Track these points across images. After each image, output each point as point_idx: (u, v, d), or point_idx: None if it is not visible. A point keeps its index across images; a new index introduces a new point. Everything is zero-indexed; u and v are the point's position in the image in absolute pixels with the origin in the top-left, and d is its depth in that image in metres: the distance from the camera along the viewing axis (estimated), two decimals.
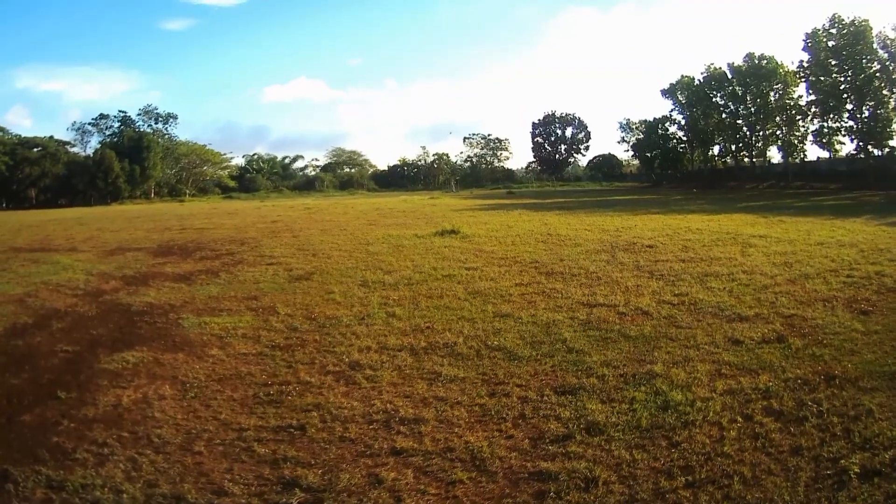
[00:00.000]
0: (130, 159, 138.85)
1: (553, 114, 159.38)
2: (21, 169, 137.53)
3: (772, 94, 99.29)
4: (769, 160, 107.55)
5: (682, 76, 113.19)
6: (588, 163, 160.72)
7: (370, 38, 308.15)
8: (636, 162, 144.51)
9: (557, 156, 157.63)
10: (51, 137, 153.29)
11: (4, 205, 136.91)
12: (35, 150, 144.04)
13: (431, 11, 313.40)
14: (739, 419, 8.14)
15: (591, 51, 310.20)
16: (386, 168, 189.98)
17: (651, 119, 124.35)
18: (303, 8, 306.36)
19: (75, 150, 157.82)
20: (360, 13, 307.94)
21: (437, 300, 15.66)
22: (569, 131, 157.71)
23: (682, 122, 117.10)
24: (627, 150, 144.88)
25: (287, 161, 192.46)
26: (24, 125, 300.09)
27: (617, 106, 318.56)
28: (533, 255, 22.69)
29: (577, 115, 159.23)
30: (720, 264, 19.61)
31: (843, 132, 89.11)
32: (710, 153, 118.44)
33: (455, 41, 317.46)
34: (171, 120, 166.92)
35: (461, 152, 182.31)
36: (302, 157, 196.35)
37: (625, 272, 18.82)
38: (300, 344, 12.42)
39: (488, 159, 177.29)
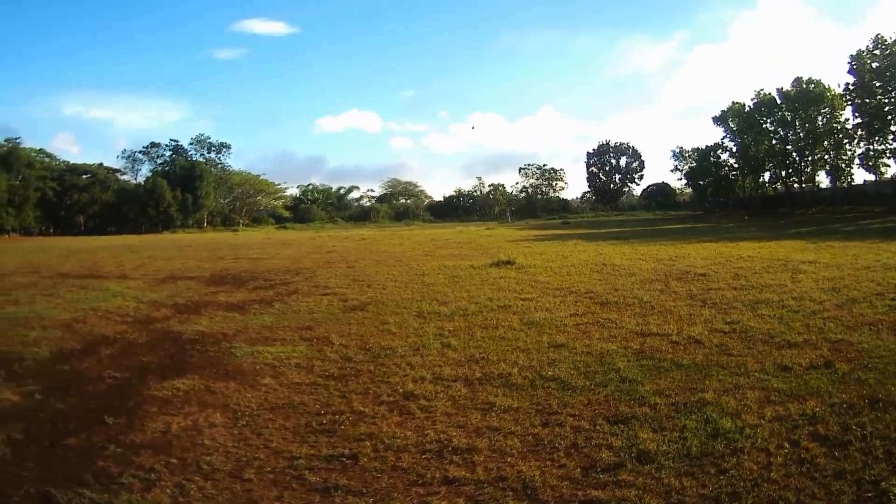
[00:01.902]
0: (183, 188, 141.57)
1: (607, 143, 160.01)
2: (69, 195, 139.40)
3: (819, 118, 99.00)
4: (818, 185, 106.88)
5: (733, 103, 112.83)
6: (642, 192, 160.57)
7: (423, 70, 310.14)
8: (689, 190, 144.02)
9: (612, 185, 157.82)
10: (100, 165, 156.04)
11: (52, 230, 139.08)
12: (84, 176, 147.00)
13: (485, 43, 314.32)
14: (786, 445, 8.20)
15: (645, 79, 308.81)
16: (442, 199, 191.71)
17: (703, 147, 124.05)
18: (354, 39, 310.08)
19: (125, 177, 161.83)
20: (412, 45, 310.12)
21: (492, 331, 15.67)
22: (623, 161, 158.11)
23: (734, 150, 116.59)
24: (680, 179, 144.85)
25: (342, 192, 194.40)
26: (72, 151, 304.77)
27: (671, 134, 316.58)
28: (588, 286, 22.70)
29: (631, 145, 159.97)
30: (771, 291, 19.65)
31: (888, 154, 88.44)
32: (761, 180, 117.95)
33: (510, 72, 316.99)
34: (224, 150, 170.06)
35: (516, 183, 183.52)
36: (357, 187, 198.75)
37: (678, 301, 18.88)
38: (354, 374, 12.53)
39: (543, 189, 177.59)
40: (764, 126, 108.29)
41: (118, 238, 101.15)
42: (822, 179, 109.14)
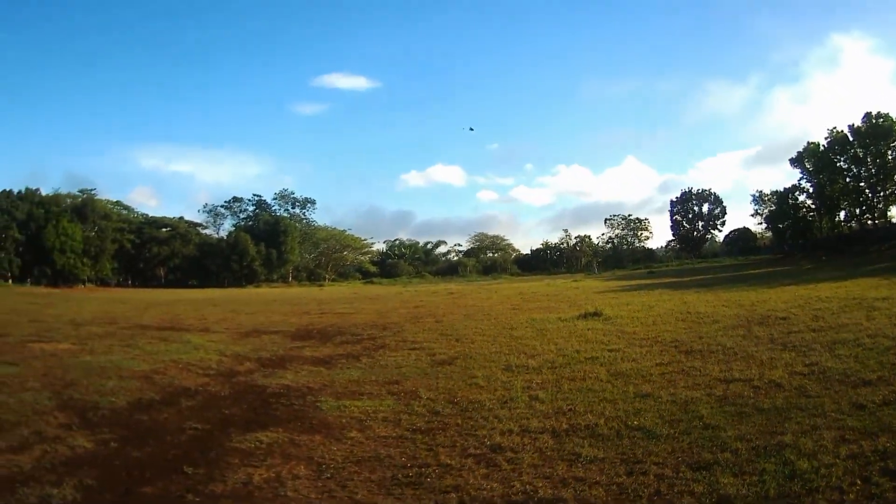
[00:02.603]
0: (267, 243, 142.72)
1: (690, 191, 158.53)
2: (148, 248, 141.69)
3: (889, 152, 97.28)
4: (890, 220, 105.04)
5: (808, 143, 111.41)
6: (725, 238, 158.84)
7: (507, 122, 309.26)
8: (769, 234, 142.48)
9: (695, 233, 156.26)
10: (181, 218, 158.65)
11: (130, 282, 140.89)
12: (164, 229, 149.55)
13: (568, 93, 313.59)
14: (859, 482, 8.46)
15: (726, 123, 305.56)
16: (529, 252, 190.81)
17: (781, 189, 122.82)
18: (436, 92, 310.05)
19: (207, 231, 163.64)
20: (495, 97, 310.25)
21: (579, 382, 15.92)
22: (706, 207, 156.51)
23: (810, 190, 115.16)
24: (760, 223, 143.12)
25: (430, 246, 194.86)
26: (150, 204, 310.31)
27: (752, 178, 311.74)
28: (673, 335, 22.84)
29: (712, 191, 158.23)
30: (847, 331, 19.75)
31: None
32: (837, 219, 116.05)
33: (593, 122, 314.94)
34: (309, 205, 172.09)
35: (602, 234, 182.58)
36: (445, 242, 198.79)
37: (760, 346, 18.98)
38: (441, 427, 12.78)
39: (629, 240, 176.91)
40: (838, 164, 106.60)
41: (200, 291, 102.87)
42: (895, 214, 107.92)
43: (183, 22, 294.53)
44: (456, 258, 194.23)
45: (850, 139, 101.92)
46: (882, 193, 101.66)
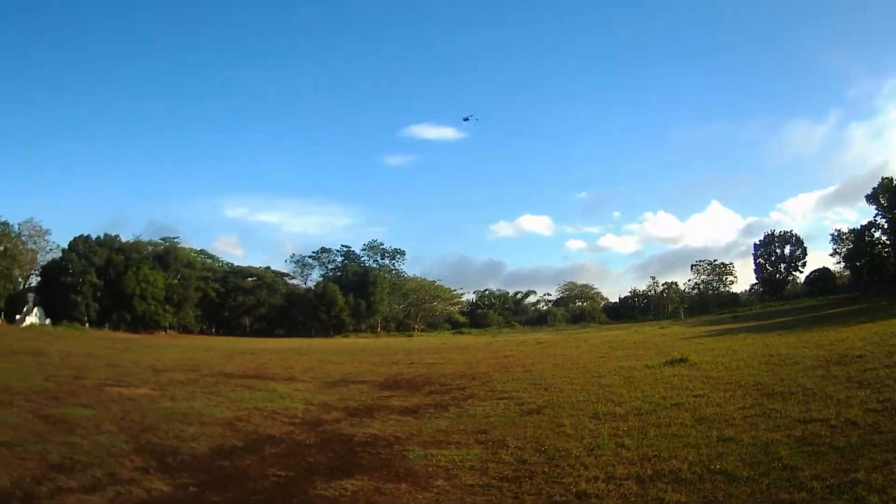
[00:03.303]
0: (355, 293, 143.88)
1: (773, 233, 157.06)
2: (233, 296, 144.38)
3: None
4: None
5: (883, 178, 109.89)
6: (805, 279, 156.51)
7: (595, 171, 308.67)
8: (848, 273, 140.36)
9: (777, 275, 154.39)
10: (267, 268, 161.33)
11: (214, 330, 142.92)
12: (250, 279, 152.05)
13: (656, 140, 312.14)
14: None
15: (806, 163, 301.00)
16: (617, 300, 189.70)
17: (858, 227, 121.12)
18: (523, 143, 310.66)
19: (294, 281, 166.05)
20: (583, 147, 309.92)
21: (664, 429, 16.31)
22: (787, 249, 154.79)
23: (885, 226, 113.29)
24: (839, 262, 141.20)
25: (519, 296, 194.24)
26: (235, 254, 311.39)
27: (831, 217, 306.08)
28: (756, 377, 23.25)
29: (794, 233, 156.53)
30: None
31: None
32: None
33: (679, 167, 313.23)
34: (398, 256, 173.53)
35: (689, 280, 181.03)
36: (534, 292, 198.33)
37: (837, 385, 19.48)
38: (528, 475, 13.14)
39: (714, 285, 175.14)
40: None
41: (287, 341, 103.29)
42: None
43: (269, 75, 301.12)
44: (545, 308, 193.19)
45: None
46: None
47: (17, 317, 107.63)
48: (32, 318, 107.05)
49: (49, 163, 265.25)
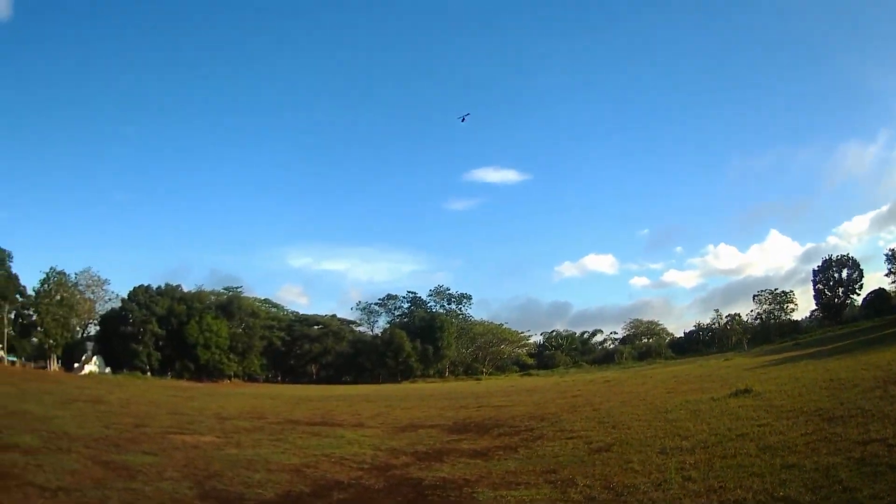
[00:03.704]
0: (422, 339, 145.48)
1: (830, 258, 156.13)
2: (299, 344, 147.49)
3: None
4: None
5: None
6: (862, 301, 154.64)
7: (656, 208, 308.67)
8: None
9: (836, 300, 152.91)
10: (333, 316, 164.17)
11: (279, 378, 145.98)
12: (315, 327, 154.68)
13: (716, 171, 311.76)
14: None
15: (859, 184, 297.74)
16: (682, 335, 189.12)
17: None
18: (586, 182, 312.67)
19: (361, 329, 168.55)
20: (644, 184, 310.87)
21: (730, 459, 16.33)
22: (845, 273, 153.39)
23: None
24: (894, 282, 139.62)
25: (585, 336, 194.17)
26: (300, 302, 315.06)
27: (886, 237, 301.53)
28: (817, 403, 23.25)
29: (850, 256, 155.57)
30: None
31: None
32: None
33: (739, 198, 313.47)
34: (465, 300, 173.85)
35: (751, 310, 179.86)
36: (601, 331, 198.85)
37: (895, 405, 19.52)
38: None
39: (776, 314, 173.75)
40: None
41: (354, 387, 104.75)
42: None
43: (331, 125, 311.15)
44: (612, 346, 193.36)
45: None
46: None
47: (76, 365, 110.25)
48: (91, 367, 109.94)
49: (107, 214, 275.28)
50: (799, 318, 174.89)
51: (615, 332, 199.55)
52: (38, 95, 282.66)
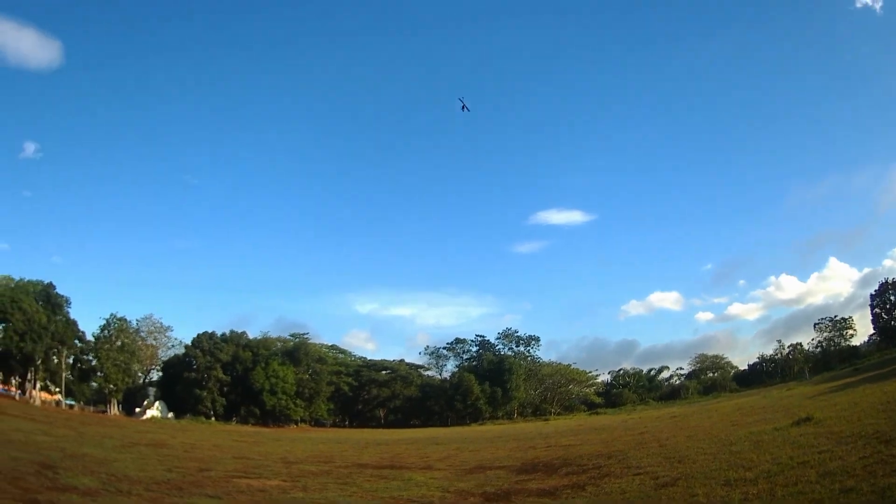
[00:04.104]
0: (491, 381, 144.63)
1: (887, 281, 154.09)
2: (367, 390, 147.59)
3: None
4: None
5: None
6: None
7: (719, 242, 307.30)
8: None
9: (893, 322, 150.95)
10: (401, 361, 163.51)
11: (347, 423, 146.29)
12: (383, 372, 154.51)
13: (775, 202, 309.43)
14: None
15: None
16: (746, 367, 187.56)
17: None
18: (650, 219, 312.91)
19: (429, 373, 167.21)
20: (709, 219, 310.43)
21: (791, 487, 16.45)
22: None
23: None
24: None
25: (652, 373, 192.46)
26: (367, 348, 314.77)
27: None
28: (875, 426, 23.27)
29: None
30: None
31: None
32: None
33: (798, 228, 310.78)
34: (534, 342, 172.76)
35: (812, 339, 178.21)
36: (667, 367, 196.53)
37: None
38: None
39: (836, 341, 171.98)
40: None
41: (422, 431, 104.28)
42: None
43: (393, 174, 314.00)
44: (678, 382, 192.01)
45: None
46: None
47: (137, 409, 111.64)
48: (153, 412, 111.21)
49: (170, 261, 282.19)
50: (858, 344, 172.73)
51: (681, 368, 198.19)
52: (100, 141, 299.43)
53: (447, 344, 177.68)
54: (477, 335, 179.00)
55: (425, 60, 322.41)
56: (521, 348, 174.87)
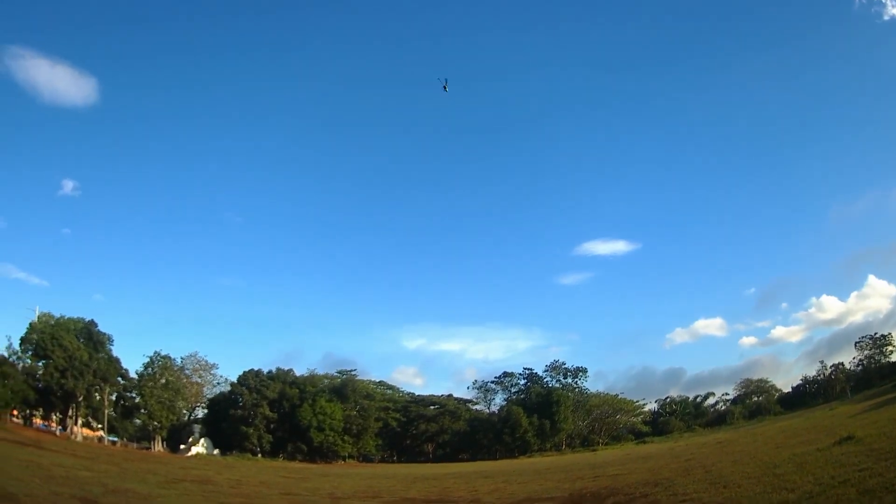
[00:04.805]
0: (539, 414, 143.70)
1: None
2: (415, 425, 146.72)
3: None
4: None
5: None
6: None
7: (761, 265, 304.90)
8: None
9: None
10: (449, 395, 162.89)
11: (395, 458, 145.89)
12: (431, 407, 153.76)
13: (816, 220, 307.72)
14: None
15: None
16: (790, 389, 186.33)
17: None
18: (692, 248, 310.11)
19: (478, 407, 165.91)
20: (751, 244, 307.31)
21: None
22: None
23: None
24: None
25: (698, 400, 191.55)
26: (415, 383, 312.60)
27: None
28: None
29: None
30: None
31: None
32: None
33: (838, 247, 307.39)
34: (581, 374, 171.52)
35: (854, 357, 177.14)
36: (713, 393, 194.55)
37: None
38: None
39: (876, 358, 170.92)
40: None
41: (471, 465, 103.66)
42: None
43: (439, 211, 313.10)
44: (723, 407, 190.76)
45: None
46: None
47: (182, 446, 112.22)
48: (199, 448, 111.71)
49: (214, 299, 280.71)
50: None
51: (727, 394, 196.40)
52: (138, 177, 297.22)
53: (495, 378, 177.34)
54: (525, 368, 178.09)
55: (470, 79, 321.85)
56: (569, 380, 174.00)
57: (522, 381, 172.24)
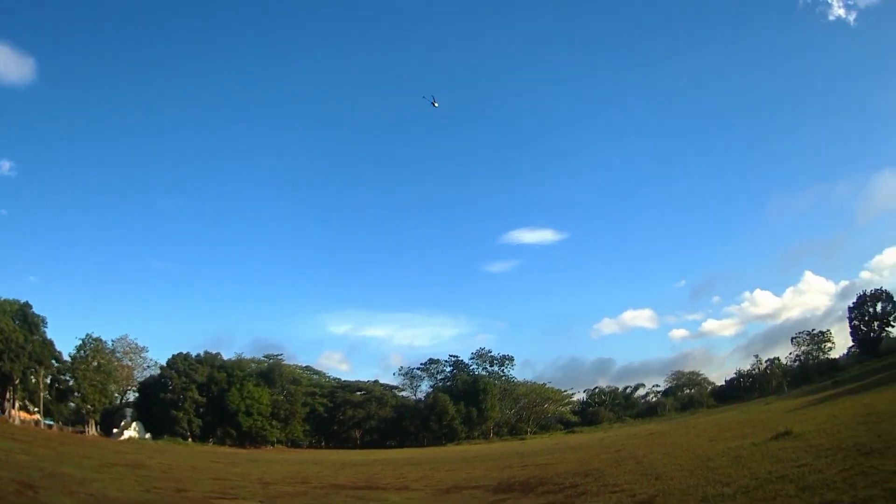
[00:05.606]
0: (466, 402, 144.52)
1: (864, 293, 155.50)
2: (342, 410, 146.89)
3: None
4: None
5: None
6: None
7: (692, 258, 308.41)
8: None
9: (871, 334, 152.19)
10: (375, 381, 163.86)
11: (323, 444, 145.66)
12: (358, 393, 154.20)
13: (752, 216, 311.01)
14: None
15: (891, 215, 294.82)
16: (723, 383, 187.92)
17: None
18: (621, 240, 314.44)
19: (404, 393, 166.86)
20: (682, 236, 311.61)
21: (770, 502, 16.53)
22: (879, 307, 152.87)
23: None
24: None
25: (628, 391, 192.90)
26: (341, 369, 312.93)
27: None
28: (854, 438, 23.31)
29: (884, 289, 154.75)
30: None
31: None
32: None
33: (772, 242, 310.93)
34: (507, 362, 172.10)
35: (790, 353, 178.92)
36: (643, 384, 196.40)
37: None
38: None
39: (814, 354, 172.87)
40: None
41: (398, 451, 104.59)
42: None
43: (369, 197, 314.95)
44: (654, 399, 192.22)
45: None
46: None
47: (115, 430, 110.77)
48: (131, 432, 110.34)
49: (146, 282, 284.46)
50: (837, 357, 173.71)
51: (657, 385, 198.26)
52: (74, 159, 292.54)
53: (421, 364, 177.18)
54: (451, 355, 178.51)
55: (395, 72, 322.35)
56: (496, 368, 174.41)
57: (448, 369, 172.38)
